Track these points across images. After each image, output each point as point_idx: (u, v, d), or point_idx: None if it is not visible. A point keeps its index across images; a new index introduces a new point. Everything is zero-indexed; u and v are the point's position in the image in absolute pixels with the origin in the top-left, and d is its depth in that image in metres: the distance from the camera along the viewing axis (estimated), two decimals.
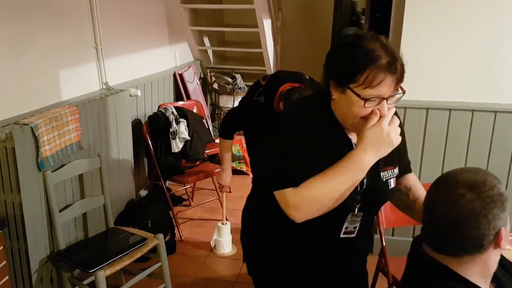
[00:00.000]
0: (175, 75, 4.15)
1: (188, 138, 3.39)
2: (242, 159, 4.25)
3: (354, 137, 1.26)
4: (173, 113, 3.41)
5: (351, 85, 1.13)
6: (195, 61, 4.75)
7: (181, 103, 3.88)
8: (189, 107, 3.80)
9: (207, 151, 3.60)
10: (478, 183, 0.96)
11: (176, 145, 3.34)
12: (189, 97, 4.19)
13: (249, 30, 4.63)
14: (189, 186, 3.75)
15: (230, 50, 5.42)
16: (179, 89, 4.17)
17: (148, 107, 3.66)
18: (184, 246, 3.11)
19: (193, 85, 4.36)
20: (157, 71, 3.91)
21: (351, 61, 1.13)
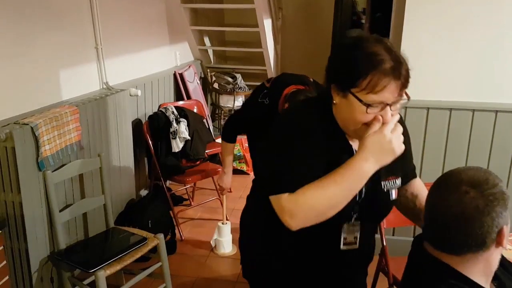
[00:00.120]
0: (175, 74, 4.14)
1: (188, 137, 3.39)
2: (242, 159, 4.25)
3: (355, 143, 1.21)
4: (173, 112, 3.41)
5: (353, 90, 1.09)
6: (195, 61, 4.75)
7: (181, 102, 3.88)
8: (190, 107, 3.80)
9: (207, 151, 3.60)
10: (481, 181, 0.96)
11: (176, 145, 3.34)
12: (189, 97, 4.19)
13: (249, 29, 4.63)
14: (189, 186, 3.75)
15: (230, 49, 5.42)
16: (180, 89, 4.17)
17: (148, 107, 3.66)
18: (184, 246, 3.11)
19: (194, 84, 4.36)
20: (158, 70, 3.91)
21: (353, 65, 1.09)
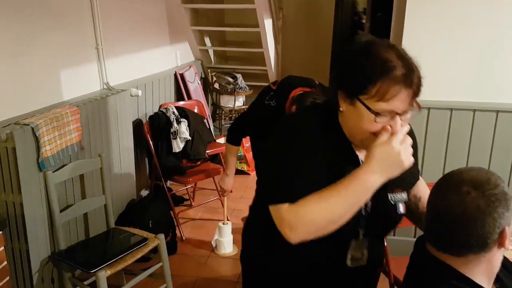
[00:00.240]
0: (176, 75, 4.14)
1: (189, 138, 3.39)
2: (243, 159, 4.25)
3: (362, 154, 1.15)
4: (174, 113, 3.41)
5: (362, 97, 1.03)
6: (196, 61, 4.75)
7: (182, 103, 3.89)
8: (190, 107, 3.80)
9: (208, 151, 3.60)
10: (482, 181, 0.95)
11: (177, 145, 3.34)
12: (190, 97, 4.19)
13: (250, 30, 4.63)
14: (190, 186, 3.75)
15: (231, 50, 5.42)
16: (180, 89, 4.17)
17: (149, 107, 3.66)
18: (185, 246, 3.11)
19: (194, 85, 4.36)
20: (158, 71, 3.91)
21: (363, 71, 1.03)
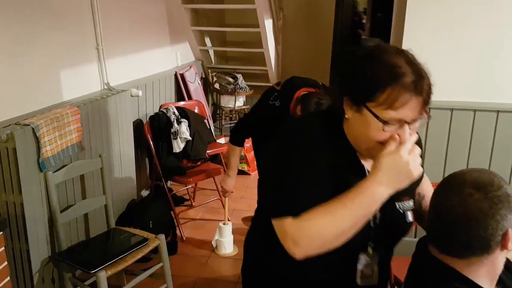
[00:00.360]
0: (176, 75, 4.14)
1: (189, 138, 3.39)
2: (243, 159, 4.25)
3: (368, 163, 1.11)
4: (174, 113, 3.41)
5: (369, 104, 0.99)
6: (196, 61, 4.75)
7: (182, 103, 3.89)
8: (191, 107, 3.80)
9: (208, 151, 3.61)
10: (485, 183, 0.95)
11: (177, 145, 3.34)
12: (190, 97, 4.19)
13: (250, 30, 4.63)
14: (190, 186, 3.75)
15: (231, 50, 5.41)
16: (181, 89, 4.16)
17: (149, 107, 3.66)
18: (185, 246, 3.11)
19: (195, 85, 4.36)
20: (159, 71, 3.91)
21: (370, 77, 0.99)
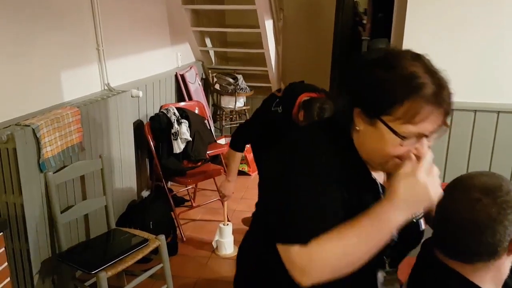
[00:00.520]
0: (176, 76, 4.14)
1: (189, 139, 3.39)
2: (243, 160, 4.24)
3: (379, 176, 1.04)
4: (174, 114, 3.41)
5: (385, 118, 0.91)
6: (196, 62, 4.75)
7: (182, 104, 3.89)
8: (191, 108, 3.80)
9: (208, 152, 3.61)
10: (494, 188, 0.93)
11: (178, 146, 3.34)
12: (190, 98, 4.19)
13: (250, 30, 4.62)
14: (190, 187, 3.75)
15: (231, 50, 5.41)
16: (181, 90, 4.16)
17: (149, 108, 3.66)
18: (186, 247, 3.11)
19: (195, 86, 4.36)
20: (159, 72, 3.91)
21: (386, 88, 0.90)
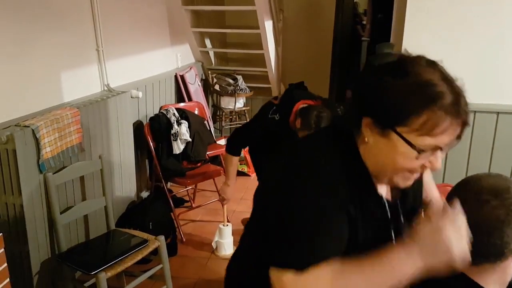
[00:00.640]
0: (176, 76, 4.14)
1: (189, 139, 3.39)
2: (243, 160, 4.24)
3: (383, 189, 0.97)
4: (174, 114, 3.41)
5: (400, 129, 0.83)
6: (196, 63, 4.75)
7: (182, 104, 3.89)
8: (191, 109, 3.80)
9: (208, 153, 3.61)
10: (502, 190, 0.93)
11: (177, 147, 3.34)
12: (190, 99, 4.19)
13: (250, 31, 4.63)
14: (190, 187, 3.75)
15: (231, 51, 5.41)
16: (181, 91, 4.16)
17: (149, 108, 3.66)
18: (185, 247, 3.11)
19: (195, 86, 4.36)
20: (159, 72, 3.91)
21: (402, 97, 0.83)
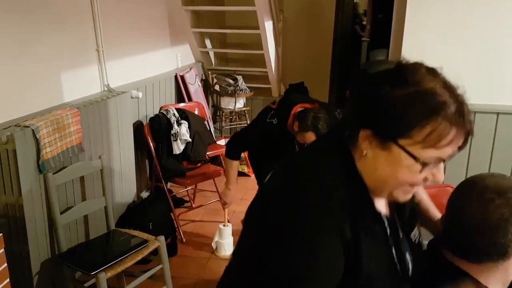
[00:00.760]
0: (176, 76, 4.15)
1: (189, 140, 3.39)
2: (243, 161, 4.24)
3: (381, 204, 0.91)
4: (174, 114, 3.41)
5: (402, 142, 0.79)
6: (196, 63, 4.75)
7: (182, 104, 3.89)
8: (191, 109, 3.80)
9: (208, 153, 3.61)
10: (506, 189, 0.94)
11: (177, 147, 3.34)
12: (190, 99, 4.19)
13: (250, 31, 4.63)
14: (190, 188, 3.75)
15: (231, 51, 5.41)
16: (181, 91, 4.17)
17: (149, 109, 3.66)
18: (185, 248, 3.11)
19: (195, 86, 4.36)
20: (159, 72, 3.91)
21: (403, 108, 0.78)
